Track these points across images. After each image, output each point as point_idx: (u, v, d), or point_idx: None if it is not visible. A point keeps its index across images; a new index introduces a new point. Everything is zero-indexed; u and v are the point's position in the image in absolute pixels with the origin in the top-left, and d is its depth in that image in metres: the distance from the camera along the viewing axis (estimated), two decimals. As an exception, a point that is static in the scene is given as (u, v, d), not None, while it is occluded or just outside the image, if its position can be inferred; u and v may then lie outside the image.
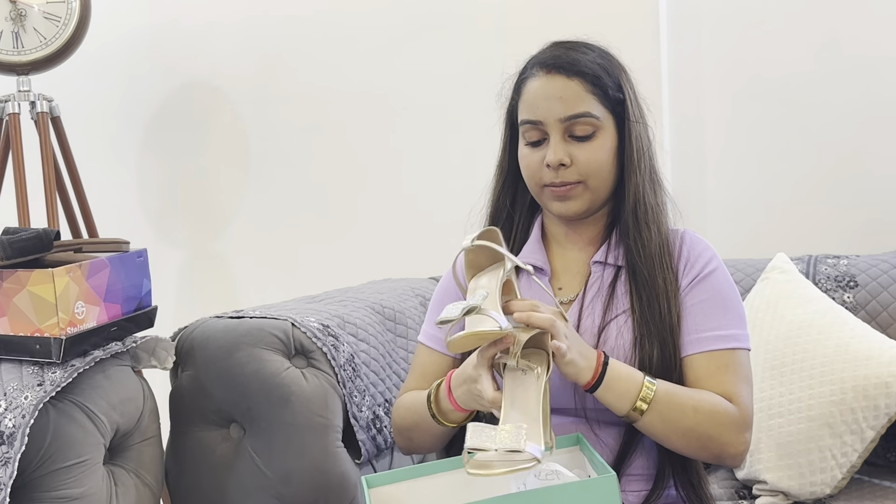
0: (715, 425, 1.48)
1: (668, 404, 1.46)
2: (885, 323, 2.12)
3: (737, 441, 1.50)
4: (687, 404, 1.47)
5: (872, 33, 2.54)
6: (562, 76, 1.56)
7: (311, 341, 1.85)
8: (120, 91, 3.25)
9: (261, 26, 3.07)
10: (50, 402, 1.60)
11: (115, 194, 3.23)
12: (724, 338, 1.55)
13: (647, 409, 1.45)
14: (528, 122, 1.59)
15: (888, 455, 2.10)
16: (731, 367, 1.54)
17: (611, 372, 1.44)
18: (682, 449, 1.50)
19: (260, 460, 1.79)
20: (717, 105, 2.70)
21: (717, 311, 1.57)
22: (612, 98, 1.58)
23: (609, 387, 1.44)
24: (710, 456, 1.51)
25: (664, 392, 1.46)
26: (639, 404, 1.45)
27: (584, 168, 1.55)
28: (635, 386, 1.45)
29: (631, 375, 1.46)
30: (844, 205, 2.59)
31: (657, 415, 1.45)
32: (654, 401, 1.45)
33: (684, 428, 1.47)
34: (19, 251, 1.62)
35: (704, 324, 1.56)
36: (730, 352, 1.55)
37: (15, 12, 2.65)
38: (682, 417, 1.46)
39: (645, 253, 1.57)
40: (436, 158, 2.90)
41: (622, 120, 1.59)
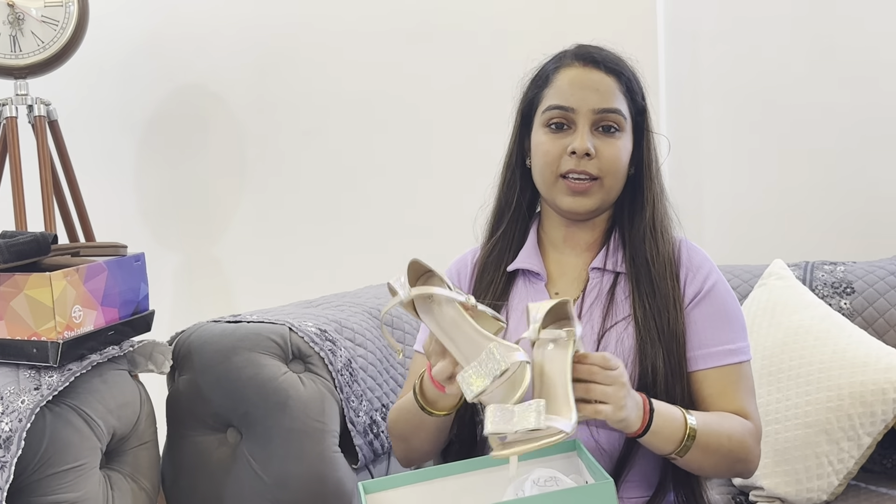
0: (745, 449, 1.51)
1: (707, 438, 1.46)
2: (881, 329, 2.12)
3: (758, 455, 1.55)
4: (722, 434, 1.49)
5: (868, 42, 2.55)
6: (600, 70, 1.58)
7: (309, 346, 1.85)
8: (117, 95, 3.25)
9: (258, 31, 3.08)
10: (47, 406, 1.59)
11: (112, 198, 3.23)
12: (733, 352, 1.56)
13: (693, 444, 1.45)
14: (557, 107, 1.58)
15: (884, 461, 2.10)
16: (741, 383, 1.56)
17: (657, 418, 1.42)
18: (713, 473, 1.55)
19: (257, 465, 1.79)
20: (713, 113, 2.71)
21: (723, 324, 1.58)
22: (638, 105, 1.61)
23: (656, 433, 1.42)
24: (733, 474, 1.56)
25: (703, 427, 1.46)
26: (684, 446, 1.44)
27: (606, 163, 1.56)
28: (679, 427, 1.44)
29: (673, 416, 1.45)
30: (841, 211, 2.60)
31: (698, 451, 1.46)
32: (698, 436, 1.45)
33: (721, 455, 1.49)
34: (17, 255, 1.62)
35: (712, 338, 1.57)
36: (738, 366, 1.57)
37: (13, 16, 2.65)
38: (719, 448, 1.48)
39: (658, 261, 1.58)
40: (434, 163, 2.90)
41: (640, 129, 1.62)
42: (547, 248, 1.67)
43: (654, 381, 1.51)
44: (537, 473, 1.33)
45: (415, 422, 1.57)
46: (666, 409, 1.44)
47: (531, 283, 1.64)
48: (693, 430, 1.44)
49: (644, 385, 1.51)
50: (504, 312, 1.62)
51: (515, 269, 1.65)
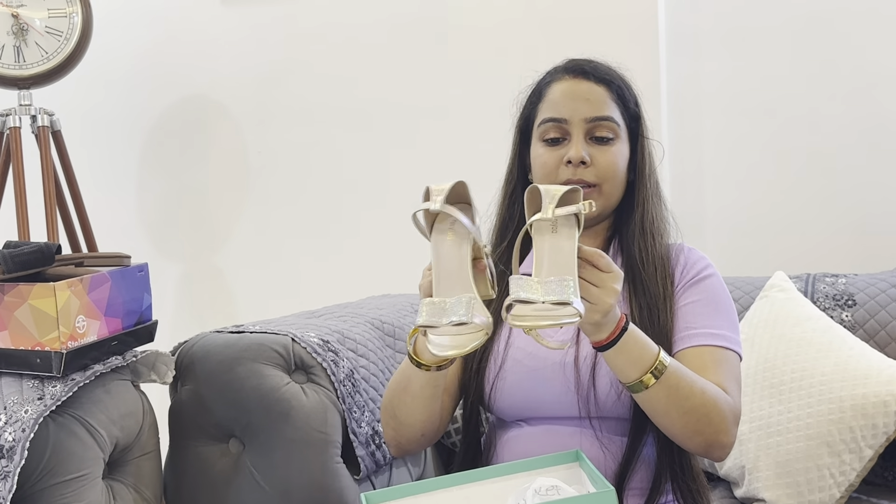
0: (717, 411, 1.45)
1: (678, 380, 1.42)
2: (883, 342, 2.12)
3: (731, 430, 1.48)
4: (695, 385, 1.44)
5: (869, 54, 2.56)
6: (589, 81, 1.62)
7: (311, 356, 1.85)
8: (120, 106, 3.26)
9: (260, 41, 3.08)
10: (50, 416, 1.60)
11: (115, 208, 3.24)
12: (717, 336, 1.55)
13: (656, 382, 1.41)
14: (550, 119, 1.62)
15: (886, 474, 2.10)
16: (724, 364, 1.53)
17: (629, 337, 1.39)
18: (678, 429, 1.46)
19: (259, 475, 1.79)
20: (715, 124, 2.71)
21: (711, 312, 1.58)
22: (631, 112, 1.64)
23: (623, 349, 1.39)
24: (701, 442, 1.47)
25: (676, 368, 1.43)
26: (648, 377, 1.40)
27: (602, 170, 1.59)
28: (650, 355, 1.41)
29: (647, 344, 1.42)
30: (842, 223, 2.60)
31: (664, 389, 1.42)
32: (666, 375, 1.41)
33: (688, 407, 1.43)
34: (21, 265, 1.63)
35: (696, 321, 1.56)
36: (722, 350, 1.54)
37: (17, 26, 2.66)
38: (690, 396, 1.43)
39: (647, 261, 1.60)
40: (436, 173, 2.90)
41: (636, 135, 1.65)
42: None
43: None
44: (539, 483, 1.33)
45: (403, 383, 1.56)
46: (641, 336, 1.42)
47: None
48: (662, 364, 1.41)
49: None
50: None
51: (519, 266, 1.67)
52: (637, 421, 1.53)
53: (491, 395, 1.61)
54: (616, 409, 1.53)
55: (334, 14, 2.99)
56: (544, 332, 1.38)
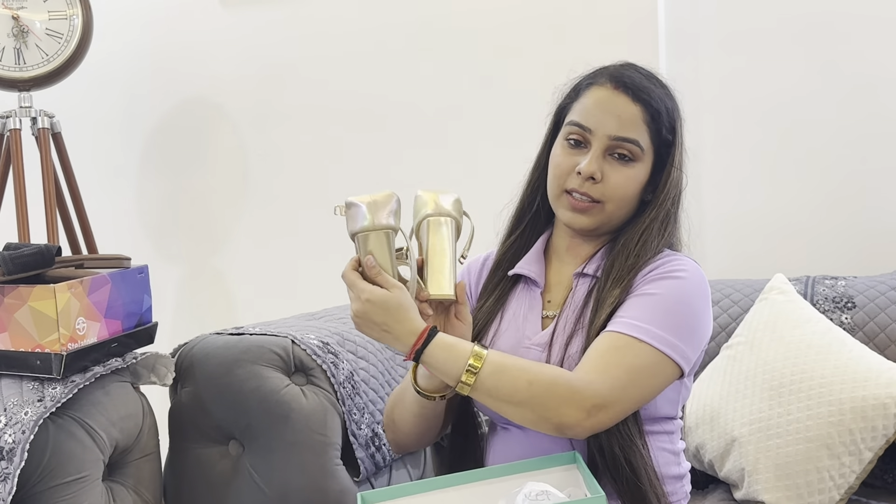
0: (551, 396, 1.42)
1: (497, 379, 1.43)
2: (882, 344, 2.12)
3: (575, 416, 1.42)
4: (521, 378, 1.43)
5: (869, 56, 2.56)
6: (627, 97, 1.57)
7: (311, 358, 1.86)
8: (120, 107, 3.26)
9: (261, 43, 3.09)
10: (50, 418, 1.60)
11: (115, 210, 3.24)
12: (638, 328, 1.48)
13: (472, 386, 1.42)
14: (577, 124, 1.58)
15: (885, 476, 2.10)
16: (617, 352, 1.47)
17: (434, 348, 1.43)
18: (520, 420, 1.46)
19: (259, 477, 1.79)
20: (715, 126, 2.71)
21: (652, 307, 1.51)
22: (663, 138, 1.58)
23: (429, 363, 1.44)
24: (550, 427, 1.44)
25: (493, 367, 1.43)
26: (465, 377, 1.42)
27: (611, 190, 1.56)
28: (459, 362, 1.43)
29: (456, 351, 1.44)
30: (842, 226, 2.60)
31: (484, 390, 1.43)
32: (480, 377, 1.42)
33: (517, 401, 1.43)
34: (21, 267, 1.63)
35: (629, 312, 1.51)
36: (631, 339, 1.47)
37: (17, 28, 2.66)
38: (515, 392, 1.43)
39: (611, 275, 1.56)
40: (437, 175, 2.91)
41: (662, 161, 1.59)
42: (551, 257, 1.69)
43: None
44: (529, 487, 1.33)
45: (400, 396, 1.61)
46: (447, 347, 1.44)
47: (529, 289, 1.65)
48: (473, 368, 1.42)
49: None
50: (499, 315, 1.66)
51: (517, 274, 1.66)
52: None
53: None
54: None
55: (334, 15, 2.99)
56: None
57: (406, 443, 1.67)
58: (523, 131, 1.91)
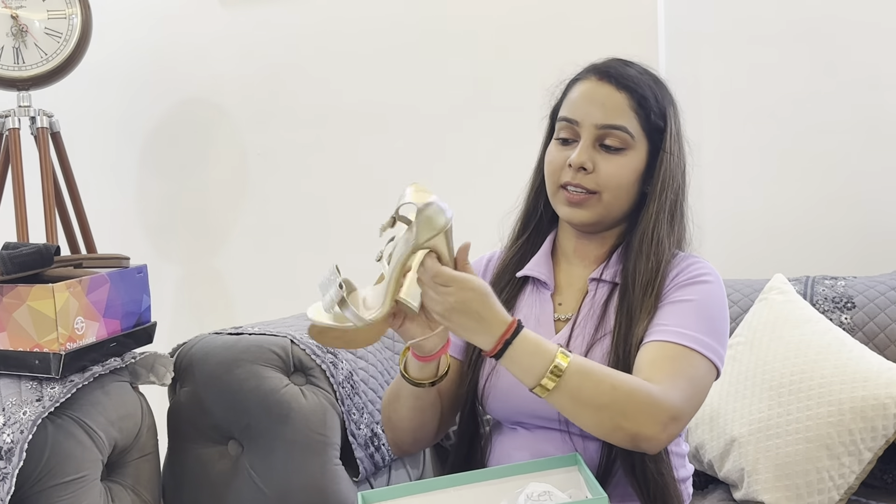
0: (633, 403, 1.38)
1: (580, 381, 1.37)
2: (882, 344, 2.12)
3: (654, 422, 1.39)
4: (605, 381, 1.39)
5: (871, 54, 2.56)
6: (611, 85, 1.58)
7: (310, 358, 1.85)
8: (119, 107, 3.26)
9: (261, 43, 3.08)
10: (48, 418, 1.60)
11: (113, 210, 3.23)
12: (686, 336, 1.48)
13: (555, 386, 1.37)
14: (564, 119, 1.60)
15: (885, 477, 2.10)
16: (678, 362, 1.46)
17: (518, 346, 1.37)
18: (594, 427, 1.41)
19: (258, 477, 1.79)
20: (715, 126, 2.71)
21: (693, 314, 1.51)
22: (653, 124, 1.59)
23: (512, 360, 1.37)
24: (624, 437, 1.40)
25: (580, 365, 1.39)
26: (546, 380, 1.36)
27: (604, 180, 1.56)
28: (544, 360, 1.37)
29: (541, 350, 1.38)
30: (842, 226, 2.60)
31: (567, 389, 1.37)
32: (565, 378, 1.36)
33: (598, 405, 1.38)
34: (20, 266, 1.63)
35: (671, 319, 1.50)
36: (684, 349, 1.47)
37: (16, 28, 2.66)
38: (598, 395, 1.38)
39: (637, 282, 1.55)
40: (436, 176, 2.91)
41: (657, 148, 1.59)
42: (559, 259, 1.68)
43: None
44: (531, 488, 1.33)
45: (395, 390, 1.60)
46: (534, 343, 1.38)
47: (538, 291, 1.65)
48: (559, 370, 1.36)
49: None
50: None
51: (526, 276, 1.66)
52: None
53: (484, 396, 1.62)
54: None
55: (334, 15, 2.99)
56: None
57: (405, 440, 1.65)
58: (523, 132, 1.91)
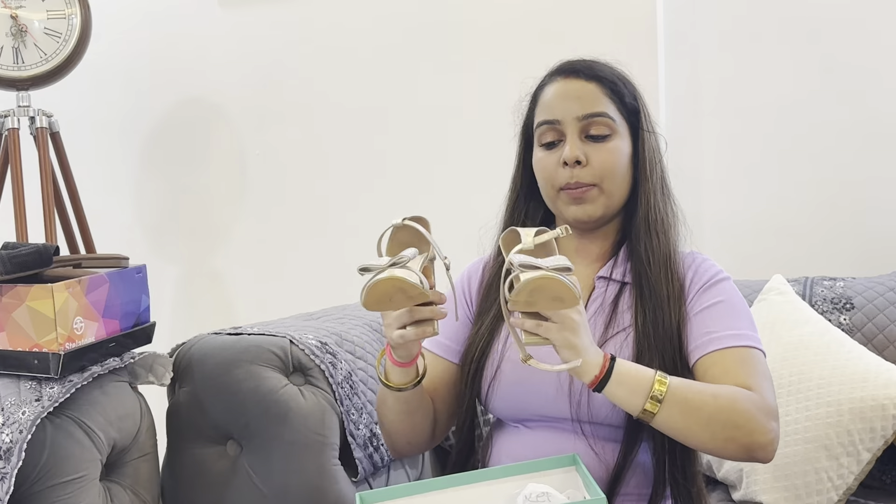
0: (739, 412, 1.40)
1: (684, 395, 1.39)
2: (881, 345, 2.12)
3: (764, 428, 1.41)
4: (705, 392, 1.41)
5: (870, 55, 2.56)
6: (580, 79, 1.60)
7: (309, 358, 1.85)
8: (119, 107, 3.26)
9: (259, 43, 3.09)
10: (47, 418, 1.60)
11: (112, 210, 3.24)
12: (739, 336, 1.51)
13: (662, 403, 1.38)
14: (544, 122, 1.60)
15: (883, 477, 2.10)
16: (749, 362, 1.49)
17: (619, 367, 1.39)
18: (707, 442, 1.41)
19: (257, 477, 1.79)
20: (713, 126, 2.71)
21: (730, 313, 1.55)
22: (628, 106, 1.61)
23: (619, 382, 1.38)
24: (738, 448, 1.41)
25: (678, 383, 1.40)
26: (651, 400, 1.38)
27: (599, 169, 1.57)
28: (646, 381, 1.39)
29: (641, 371, 1.41)
30: (841, 227, 2.60)
31: (674, 407, 1.38)
32: (669, 393, 1.38)
33: (706, 418, 1.39)
34: (19, 266, 1.63)
35: (717, 325, 1.53)
36: (746, 349, 1.50)
37: (16, 28, 2.66)
38: (702, 406, 1.39)
39: (653, 260, 1.57)
40: (435, 176, 2.91)
41: (636, 130, 1.62)
42: None
43: None
44: (530, 489, 1.33)
45: (381, 398, 1.60)
46: (631, 367, 1.40)
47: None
48: (661, 386, 1.38)
49: None
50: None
51: None
52: (631, 428, 1.52)
53: (488, 395, 1.62)
54: (610, 416, 1.52)
55: (332, 16, 2.99)
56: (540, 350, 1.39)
57: (399, 443, 1.65)
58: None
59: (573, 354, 1.35)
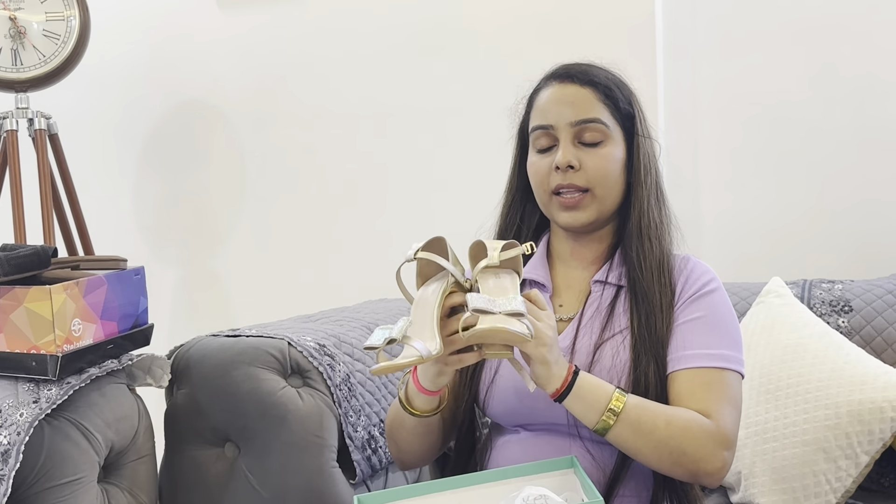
0: (689, 439, 1.44)
1: (638, 416, 1.43)
2: (879, 348, 2.12)
3: (712, 458, 1.46)
4: (660, 417, 1.45)
5: (867, 59, 2.56)
6: (575, 84, 1.61)
7: (307, 360, 1.85)
8: (117, 109, 3.26)
9: (258, 46, 3.09)
10: (45, 420, 1.59)
11: (111, 212, 3.24)
12: (713, 356, 1.52)
13: (615, 421, 1.43)
14: (539, 127, 1.61)
15: (882, 480, 2.10)
16: (715, 386, 1.51)
17: (581, 381, 1.43)
18: (654, 464, 1.47)
19: (255, 479, 1.79)
20: (712, 129, 2.71)
21: (710, 330, 1.55)
22: (623, 111, 1.61)
23: (578, 396, 1.42)
24: (685, 473, 1.47)
25: (635, 404, 1.44)
26: (606, 416, 1.42)
27: (592, 174, 1.57)
28: (604, 397, 1.43)
29: (601, 387, 1.45)
30: (839, 230, 2.60)
31: (627, 426, 1.43)
32: (624, 412, 1.43)
33: (655, 441, 1.44)
34: (17, 268, 1.63)
35: (694, 341, 1.54)
36: (716, 371, 1.51)
37: (14, 30, 2.66)
38: (654, 430, 1.43)
39: (645, 266, 1.58)
40: (433, 178, 2.91)
41: (631, 135, 1.62)
42: (555, 262, 1.69)
43: (646, 390, 1.51)
44: (527, 491, 1.33)
45: (398, 419, 1.60)
46: (593, 381, 1.45)
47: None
48: (619, 402, 1.43)
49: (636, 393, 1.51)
50: None
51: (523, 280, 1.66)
52: None
53: (486, 400, 1.62)
54: None
55: (331, 19, 2.99)
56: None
57: (412, 459, 1.67)
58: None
59: (545, 369, 1.40)
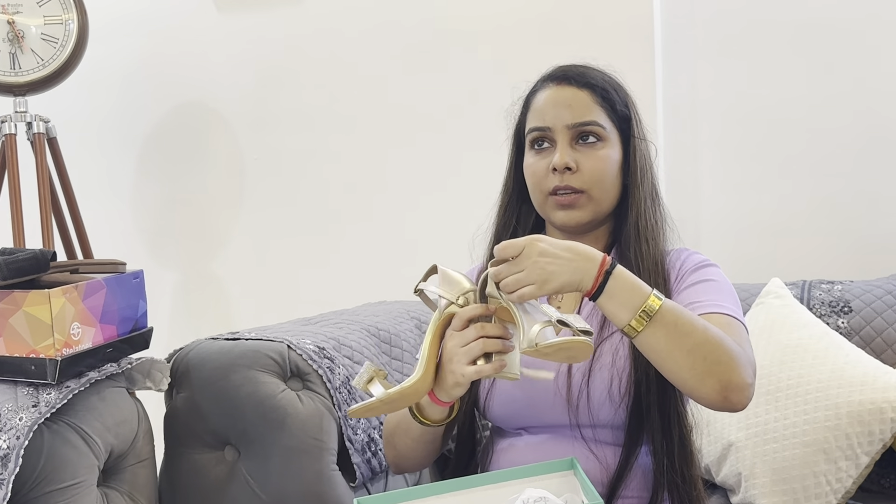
0: (724, 350, 1.37)
1: (675, 317, 1.36)
2: (879, 348, 2.12)
3: (746, 371, 1.38)
4: (697, 321, 1.38)
5: (866, 59, 2.56)
6: (572, 87, 1.61)
7: (307, 363, 1.85)
8: (116, 112, 3.26)
9: (257, 48, 3.08)
10: (44, 424, 1.59)
11: (110, 215, 3.23)
12: (723, 307, 1.50)
13: (650, 321, 1.35)
14: (536, 129, 1.62)
15: (882, 481, 2.10)
16: (734, 328, 1.47)
17: (617, 278, 1.36)
18: (686, 373, 1.37)
19: (254, 483, 1.79)
20: (711, 130, 2.71)
21: (714, 290, 1.54)
22: (619, 113, 1.62)
23: (612, 294, 1.35)
24: (715, 384, 1.37)
25: (672, 306, 1.38)
26: (639, 318, 1.35)
27: (589, 176, 1.58)
28: (641, 296, 1.36)
29: (639, 286, 1.38)
30: (839, 230, 2.60)
31: (662, 329, 1.35)
32: (660, 313, 1.35)
33: (691, 345, 1.35)
34: (16, 272, 1.62)
35: (699, 297, 1.52)
36: (729, 318, 1.49)
37: (12, 33, 2.66)
38: (691, 333, 1.36)
39: (643, 266, 1.57)
40: (434, 181, 2.91)
41: (627, 137, 1.62)
42: None
43: (647, 388, 1.51)
44: (527, 493, 1.33)
45: (403, 426, 1.59)
46: (629, 277, 1.38)
47: None
48: (655, 302, 1.35)
49: (638, 392, 1.51)
50: None
51: None
52: (632, 430, 1.53)
53: (486, 404, 1.62)
54: (611, 418, 1.53)
55: (330, 21, 2.99)
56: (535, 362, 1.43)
57: (410, 465, 1.67)
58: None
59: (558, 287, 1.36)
